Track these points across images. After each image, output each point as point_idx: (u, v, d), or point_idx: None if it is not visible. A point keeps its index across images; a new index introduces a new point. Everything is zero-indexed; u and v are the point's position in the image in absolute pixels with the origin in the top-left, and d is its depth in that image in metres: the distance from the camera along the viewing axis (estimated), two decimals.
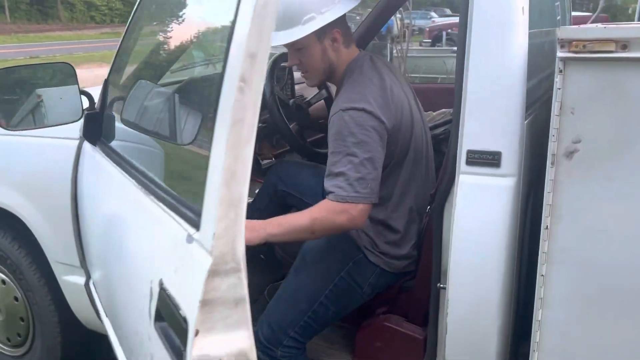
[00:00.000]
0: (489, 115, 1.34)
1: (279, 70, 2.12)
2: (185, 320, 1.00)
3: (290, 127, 2.14)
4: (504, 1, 1.32)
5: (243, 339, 1.04)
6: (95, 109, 1.91)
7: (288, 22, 1.60)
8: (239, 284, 1.02)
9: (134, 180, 1.45)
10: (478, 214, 1.36)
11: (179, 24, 1.74)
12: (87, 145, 1.90)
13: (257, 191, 2.36)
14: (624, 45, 1.08)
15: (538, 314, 1.26)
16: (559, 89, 1.14)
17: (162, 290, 1.15)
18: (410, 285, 1.76)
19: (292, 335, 1.72)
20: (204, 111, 1.21)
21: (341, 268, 1.71)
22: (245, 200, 0.98)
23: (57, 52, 18.52)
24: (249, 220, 1.42)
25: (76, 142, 1.95)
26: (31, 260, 2.15)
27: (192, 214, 1.06)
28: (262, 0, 0.91)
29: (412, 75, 5.76)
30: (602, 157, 1.14)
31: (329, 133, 1.61)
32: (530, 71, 1.38)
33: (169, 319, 1.13)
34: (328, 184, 1.57)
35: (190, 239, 1.04)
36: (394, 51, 5.86)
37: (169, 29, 1.86)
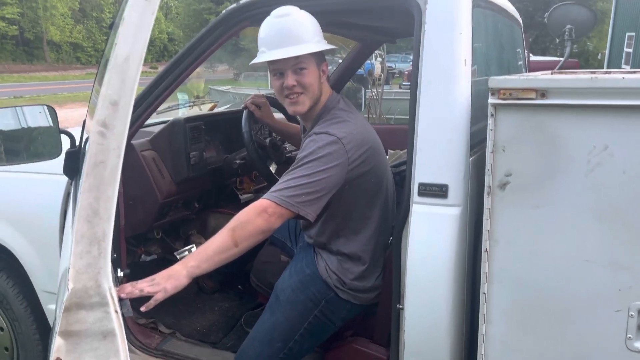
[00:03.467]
0: (437, 153, 1.53)
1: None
2: None
3: (270, 166, 2.29)
4: (448, 54, 1.52)
5: None
6: (75, 147, 2.04)
7: (296, 39, 1.66)
8: (106, 318, 1.08)
9: None
10: (429, 240, 1.53)
11: None
12: None
13: None
14: (542, 93, 1.27)
15: (482, 329, 1.41)
16: (491, 130, 1.33)
17: (55, 321, 1.23)
18: (375, 310, 1.90)
19: None
20: None
21: (314, 307, 1.77)
22: (109, 238, 1.05)
23: (41, 93, 18.65)
24: (168, 268, 1.46)
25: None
26: (18, 290, 2.25)
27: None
28: (125, 54, 1.02)
29: (388, 116, 5.99)
30: (530, 188, 1.32)
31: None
32: (479, 115, 1.56)
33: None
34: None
35: (65, 272, 1.12)
36: (370, 93, 6.10)
37: None
